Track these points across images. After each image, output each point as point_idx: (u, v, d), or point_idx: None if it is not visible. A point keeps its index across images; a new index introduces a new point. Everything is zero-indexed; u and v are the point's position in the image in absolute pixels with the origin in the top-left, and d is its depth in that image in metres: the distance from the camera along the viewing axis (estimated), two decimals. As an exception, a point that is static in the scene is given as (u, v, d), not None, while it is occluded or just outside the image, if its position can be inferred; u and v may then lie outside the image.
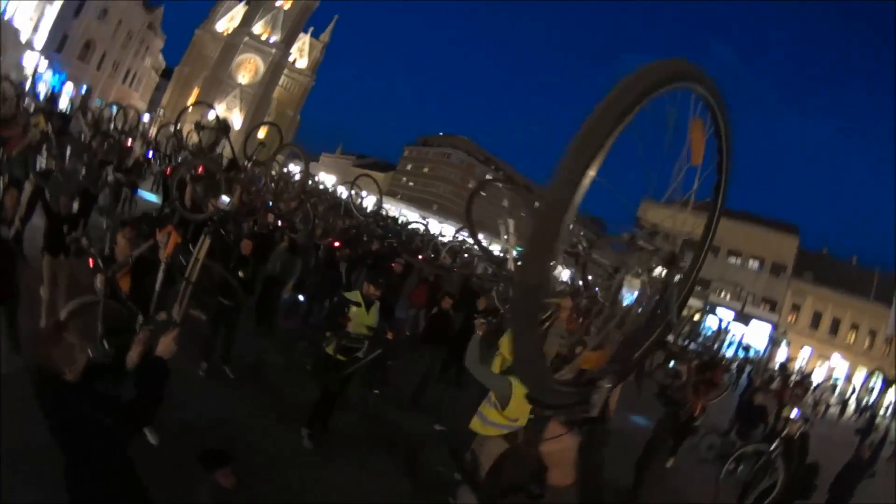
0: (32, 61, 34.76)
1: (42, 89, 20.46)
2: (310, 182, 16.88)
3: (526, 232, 1.67)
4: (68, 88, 43.21)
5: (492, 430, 4.94)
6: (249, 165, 10.13)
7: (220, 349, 7.06)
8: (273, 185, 12.08)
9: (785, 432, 6.95)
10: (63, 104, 22.57)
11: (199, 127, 11.48)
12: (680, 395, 8.13)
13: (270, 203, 9.36)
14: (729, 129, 2.52)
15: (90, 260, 4.90)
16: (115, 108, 18.88)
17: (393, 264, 9.00)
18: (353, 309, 6.09)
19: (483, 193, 8.84)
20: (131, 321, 4.54)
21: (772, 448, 6.69)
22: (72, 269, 6.69)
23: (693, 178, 2.52)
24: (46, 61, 37.76)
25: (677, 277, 2.62)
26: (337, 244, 9.25)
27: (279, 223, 9.10)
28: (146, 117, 46.31)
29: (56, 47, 45.41)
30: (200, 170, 9.62)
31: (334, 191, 25.82)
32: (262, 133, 70.33)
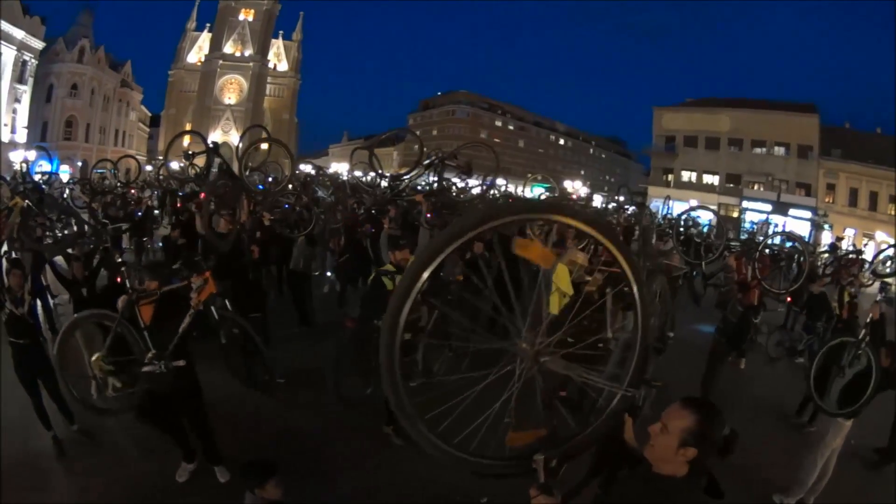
0: (20, 157, 35.49)
1: (39, 179, 20.63)
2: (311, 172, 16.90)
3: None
4: (64, 169, 44.14)
5: None
6: (247, 173, 10.10)
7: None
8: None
9: (869, 317, 6.39)
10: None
11: (189, 155, 11.40)
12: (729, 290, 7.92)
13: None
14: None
15: (118, 277, 4.85)
16: (104, 170, 18.60)
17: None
18: (388, 284, 5.57)
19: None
20: (140, 352, 4.45)
21: (860, 337, 6.00)
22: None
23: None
24: (35, 153, 38.68)
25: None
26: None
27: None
28: (148, 168, 46.95)
29: (39, 137, 47.22)
30: (203, 196, 9.64)
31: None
32: (265, 144, 69.62)
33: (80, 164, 48.89)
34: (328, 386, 6.18)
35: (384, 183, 10.69)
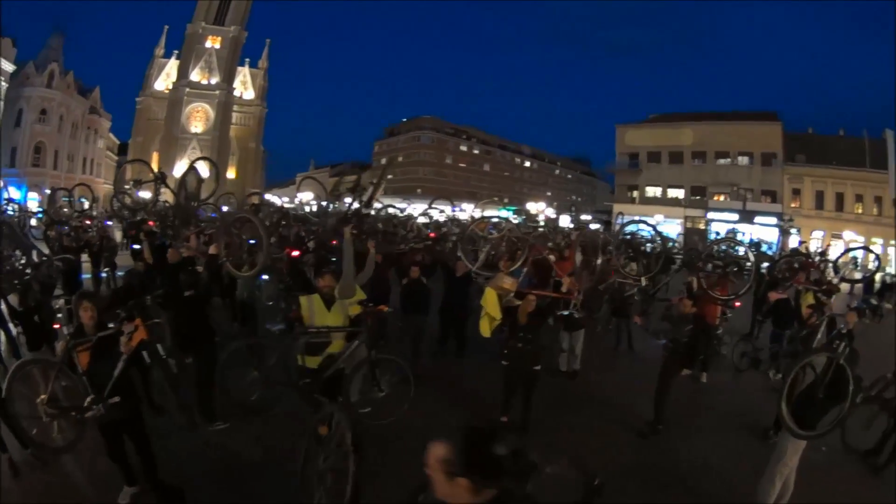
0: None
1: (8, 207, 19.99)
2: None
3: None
4: (33, 196, 43.42)
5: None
6: (196, 205, 9.98)
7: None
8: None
9: (844, 327, 5.80)
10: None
11: (138, 182, 11.39)
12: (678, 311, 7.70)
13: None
14: None
15: (56, 324, 4.79)
16: (68, 198, 18.21)
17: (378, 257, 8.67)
18: (303, 303, 5.65)
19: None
20: (82, 397, 4.51)
21: (840, 351, 5.20)
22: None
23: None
24: (1, 180, 37.94)
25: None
26: (296, 253, 8.95)
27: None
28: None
29: (8, 163, 46.58)
30: (151, 224, 9.55)
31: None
32: (231, 173, 69.75)
33: (47, 191, 48.42)
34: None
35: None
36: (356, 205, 9.04)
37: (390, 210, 12.25)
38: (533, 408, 6.84)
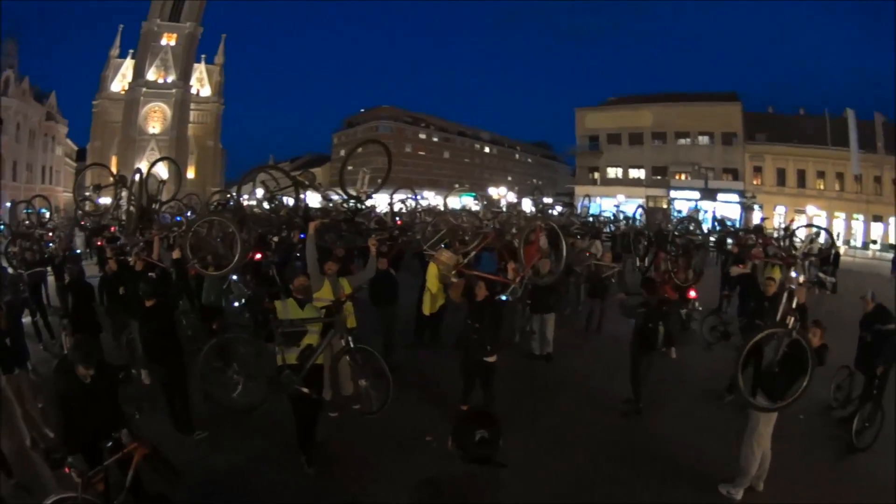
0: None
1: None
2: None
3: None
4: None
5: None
6: (158, 207, 9.76)
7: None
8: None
9: (794, 302, 5.52)
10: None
11: (98, 188, 11.19)
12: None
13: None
14: None
15: (66, 468, 4.70)
16: (30, 210, 17.59)
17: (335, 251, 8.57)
18: (278, 307, 5.58)
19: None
20: None
21: (791, 326, 5.05)
22: (31, 380, 6.62)
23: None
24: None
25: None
26: (258, 256, 8.76)
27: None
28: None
29: (-34, 176, 44.28)
30: (113, 229, 9.35)
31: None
32: (191, 173, 67.11)
33: (7, 205, 46.72)
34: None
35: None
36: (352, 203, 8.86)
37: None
38: (495, 401, 6.72)
